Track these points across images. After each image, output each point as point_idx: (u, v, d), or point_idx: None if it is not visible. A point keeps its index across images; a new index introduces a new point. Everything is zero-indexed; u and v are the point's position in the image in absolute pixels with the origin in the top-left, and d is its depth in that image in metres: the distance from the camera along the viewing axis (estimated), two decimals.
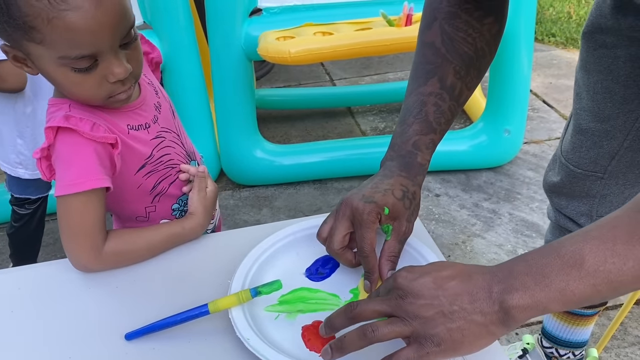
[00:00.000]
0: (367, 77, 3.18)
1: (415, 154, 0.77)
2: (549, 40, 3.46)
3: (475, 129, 2.24)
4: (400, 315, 0.57)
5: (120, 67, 0.74)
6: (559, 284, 0.53)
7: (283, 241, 0.84)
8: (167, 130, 0.91)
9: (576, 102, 0.99)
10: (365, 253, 0.72)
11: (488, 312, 0.55)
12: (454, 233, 1.97)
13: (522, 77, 2.14)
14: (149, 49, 0.96)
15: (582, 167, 1.00)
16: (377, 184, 0.75)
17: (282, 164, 2.22)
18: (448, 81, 0.79)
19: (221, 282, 0.79)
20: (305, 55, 1.78)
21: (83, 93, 0.76)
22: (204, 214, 0.89)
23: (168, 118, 0.92)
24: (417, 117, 0.78)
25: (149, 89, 0.90)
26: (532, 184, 2.20)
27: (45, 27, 0.67)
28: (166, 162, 0.91)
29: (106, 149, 0.79)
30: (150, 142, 0.87)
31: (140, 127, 0.86)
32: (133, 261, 0.83)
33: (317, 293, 0.77)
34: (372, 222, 0.71)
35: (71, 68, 0.72)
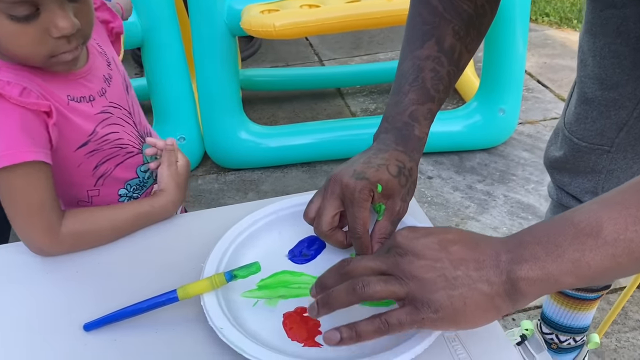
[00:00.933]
0: (357, 57, 3.09)
1: (412, 126, 0.70)
2: (542, 20, 3.39)
3: (469, 108, 2.17)
4: (396, 273, 0.52)
5: (65, 20, 0.65)
6: (573, 254, 0.47)
7: (264, 220, 0.77)
8: (116, 106, 0.81)
9: (580, 69, 0.91)
10: (358, 234, 0.65)
11: (495, 282, 0.49)
12: (447, 216, 1.90)
13: (517, 55, 2.06)
14: (109, 17, 0.88)
15: (587, 139, 0.93)
16: (369, 159, 0.68)
17: (269, 146, 2.14)
18: (446, 43, 0.72)
19: (194, 265, 0.72)
20: (291, 29, 1.69)
21: (20, 49, 0.67)
22: (176, 190, 0.81)
23: (119, 93, 0.83)
24: (413, 84, 0.71)
25: (100, 59, 0.81)
26: (528, 165, 2.13)
27: None
28: (113, 141, 0.81)
29: (40, 117, 0.70)
30: (93, 117, 0.78)
31: (83, 99, 0.76)
32: (95, 243, 0.75)
33: (300, 277, 0.70)
34: (365, 200, 0.64)
35: (7, 15, 0.63)
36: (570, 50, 3.03)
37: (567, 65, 2.87)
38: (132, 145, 0.84)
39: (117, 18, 0.88)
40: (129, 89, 0.86)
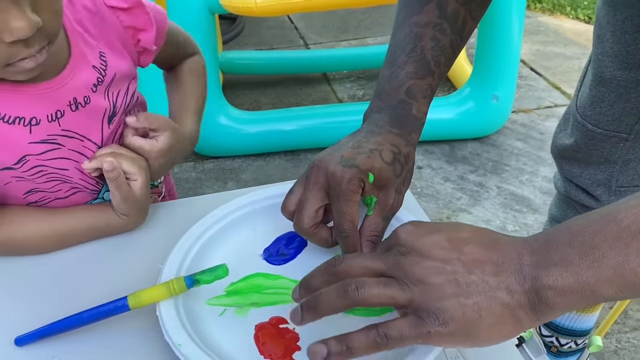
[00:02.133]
0: (344, 41, 2.98)
1: (409, 104, 0.60)
2: (535, 6, 3.31)
3: (461, 95, 2.07)
4: (398, 276, 0.43)
5: (21, 19, 0.48)
6: (615, 258, 0.38)
7: (236, 213, 0.66)
8: (74, 137, 0.62)
9: (597, 45, 0.81)
10: (345, 232, 0.55)
11: (516, 290, 0.41)
12: (438, 208, 1.81)
13: (512, 39, 1.97)
14: (140, 25, 0.66)
15: (602, 125, 0.84)
16: (360, 143, 0.57)
17: (250, 132, 2.03)
18: (449, 7, 0.62)
19: (152, 267, 0.61)
20: (273, 6, 1.57)
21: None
22: (137, 215, 0.66)
23: (89, 122, 0.63)
24: (411, 55, 0.61)
25: (87, 73, 0.61)
26: (522, 155, 2.05)
27: None
28: (51, 175, 0.63)
29: None
30: (24, 146, 0.59)
31: (20, 120, 0.58)
32: (36, 252, 0.64)
33: (277, 280, 0.60)
34: (354, 192, 0.55)
35: None
36: (564, 38, 2.95)
37: (561, 52, 2.79)
38: (85, 185, 0.66)
39: (151, 29, 0.67)
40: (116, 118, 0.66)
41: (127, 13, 0.65)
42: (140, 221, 0.67)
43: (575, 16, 3.17)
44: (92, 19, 0.63)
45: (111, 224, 0.66)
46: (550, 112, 2.31)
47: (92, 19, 0.63)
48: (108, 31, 0.64)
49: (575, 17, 3.17)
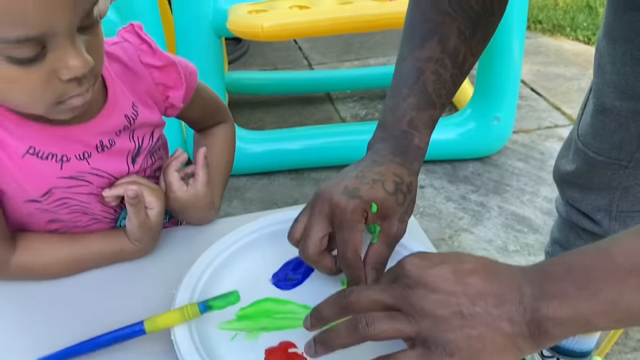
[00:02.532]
0: (347, 62, 3.02)
1: (411, 135, 0.62)
2: (535, 27, 3.35)
3: (462, 115, 2.10)
4: (405, 309, 0.46)
5: (78, 58, 0.51)
6: (610, 293, 0.41)
7: (245, 240, 0.69)
8: (101, 175, 0.65)
9: (598, 76, 0.84)
10: (349, 261, 0.57)
11: (517, 321, 0.43)
12: (440, 227, 1.83)
13: (513, 61, 2.01)
14: (171, 83, 0.69)
15: (603, 153, 0.86)
16: (363, 172, 0.60)
17: (255, 151, 2.06)
18: (450, 43, 0.65)
19: (165, 292, 0.63)
20: (279, 31, 1.61)
21: (20, 97, 0.53)
22: (149, 241, 0.69)
23: (116, 163, 0.66)
24: (413, 88, 0.64)
25: (118, 118, 0.64)
26: (522, 176, 2.07)
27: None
28: (74, 208, 0.66)
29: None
30: (54, 180, 0.62)
31: (52, 157, 0.61)
32: (53, 277, 0.66)
33: (286, 305, 0.63)
34: (357, 222, 0.57)
35: (6, 58, 0.49)
36: (564, 58, 2.99)
37: (561, 73, 2.82)
38: (105, 215, 0.69)
39: (182, 87, 0.69)
40: (140, 158, 0.68)
41: (160, 71, 0.68)
42: (151, 248, 0.70)
43: (575, 37, 3.22)
44: (126, 72, 0.66)
45: (125, 249, 0.68)
46: (551, 133, 2.34)
47: (127, 72, 0.66)
48: (140, 85, 0.67)
49: (575, 38, 3.21)
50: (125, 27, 0.68)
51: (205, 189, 0.71)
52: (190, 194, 0.70)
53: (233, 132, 0.84)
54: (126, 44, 0.67)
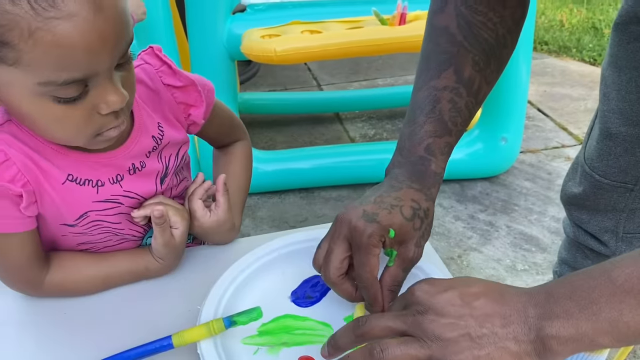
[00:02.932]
0: (355, 82, 3.08)
1: (428, 161, 0.64)
2: (541, 48, 3.40)
3: (470, 136, 2.14)
4: (417, 334, 0.48)
5: (116, 94, 0.55)
6: (610, 312, 0.44)
7: (265, 259, 0.72)
8: (132, 196, 0.69)
9: (603, 102, 0.87)
10: (365, 283, 0.59)
11: (523, 340, 0.46)
12: (449, 247, 1.85)
13: (520, 83, 2.04)
14: (192, 102, 0.72)
15: (610, 177, 0.88)
16: (382, 197, 0.62)
17: (266, 170, 2.09)
18: (465, 73, 0.67)
19: (190, 308, 0.67)
20: (292, 55, 1.66)
21: (63, 131, 0.58)
22: (172, 259, 0.72)
23: (145, 184, 0.69)
24: (430, 115, 0.66)
25: (146, 141, 0.68)
26: (530, 195, 2.09)
27: (24, 42, 0.48)
28: (106, 229, 0.70)
29: (8, 196, 0.60)
30: (90, 203, 0.66)
31: (88, 182, 0.65)
32: (83, 293, 0.70)
33: (304, 321, 0.66)
34: (374, 246, 0.59)
35: (53, 98, 0.53)
36: (570, 79, 3.03)
37: (567, 94, 2.86)
38: (133, 234, 0.73)
39: (202, 105, 0.73)
40: (167, 178, 0.72)
41: (181, 90, 0.71)
42: (174, 266, 0.73)
43: (581, 58, 3.26)
44: (149, 94, 0.70)
45: (149, 267, 0.71)
46: (558, 153, 2.37)
47: (150, 94, 0.70)
48: (163, 105, 0.71)
49: (580, 59, 3.25)
50: (145, 50, 0.72)
51: (227, 215, 0.74)
52: (213, 220, 0.73)
53: (250, 150, 0.88)
54: (147, 66, 0.71)
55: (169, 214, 0.69)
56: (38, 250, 0.67)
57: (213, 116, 0.77)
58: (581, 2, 4.07)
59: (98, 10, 0.50)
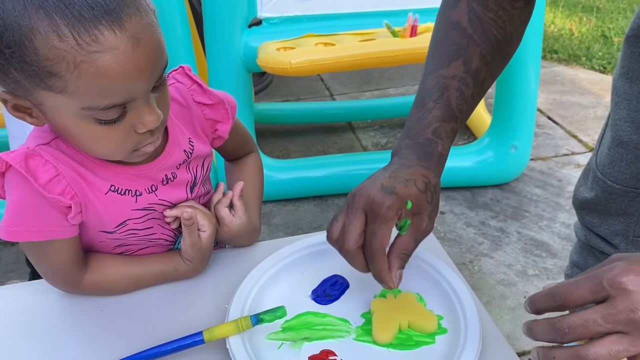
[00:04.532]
0: (367, 92, 3.13)
1: (435, 143, 0.68)
2: (551, 56, 3.43)
3: (481, 144, 2.18)
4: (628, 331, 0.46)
5: (152, 114, 0.61)
6: None
7: (286, 260, 0.77)
8: (165, 204, 0.74)
9: (615, 111, 0.91)
10: (373, 253, 0.61)
11: None
12: (461, 252, 1.89)
13: (529, 91, 2.08)
14: (220, 118, 0.78)
15: (621, 182, 0.92)
16: (395, 173, 0.64)
17: (281, 179, 2.15)
18: (473, 65, 0.71)
19: (218, 305, 0.72)
20: (307, 66, 1.72)
21: (104, 148, 0.64)
22: (201, 263, 0.77)
23: (177, 193, 0.75)
24: (438, 101, 0.70)
25: (178, 155, 0.74)
26: (540, 202, 2.13)
27: (70, 73, 0.54)
28: (141, 236, 0.75)
29: (58, 207, 0.65)
30: (130, 212, 0.71)
31: (128, 192, 0.70)
32: (118, 292, 0.75)
33: (324, 318, 0.70)
34: (391, 218, 0.60)
35: (95, 120, 0.59)
36: (579, 87, 3.06)
37: (577, 102, 2.89)
38: (165, 239, 0.78)
39: (229, 121, 0.79)
40: (196, 187, 0.78)
41: (210, 108, 0.77)
42: (202, 268, 0.78)
43: (591, 66, 3.28)
44: (181, 111, 0.76)
45: (178, 269, 0.76)
46: (568, 160, 2.39)
47: (182, 111, 0.76)
48: (194, 121, 0.77)
49: (590, 67, 3.28)
50: (176, 70, 0.78)
51: (246, 215, 0.80)
52: (239, 223, 0.79)
53: (260, 161, 0.94)
54: (179, 85, 0.76)
55: (197, 217, 0.74)
56: (79, 253, 0.72)
57: (232, 131, 0.82)
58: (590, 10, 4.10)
59: (136, 44, 0.55)
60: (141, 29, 0.56)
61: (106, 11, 0.53)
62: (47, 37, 0.52)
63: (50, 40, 0.52)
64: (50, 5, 0.52)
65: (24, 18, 0.52)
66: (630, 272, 0.47)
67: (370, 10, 1.92)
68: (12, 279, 1.85)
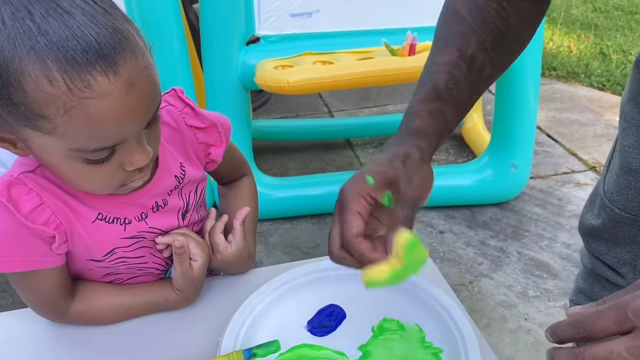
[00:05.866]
0: (365, 109, 3.12)
1: (411, 120, 0.66)
2: (550, 74, 3.43)
3: (480, 163, 2.16)
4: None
5: (142, 152, 0.59)
6: None
7: (280, 290, 0.75)
8: (155, 232, 0.72)
9: (623, 137, 0.88)
10: (346, 241, 0.59)
11: None
12: (460, 273, 1.86)
13: (528, 109, 2.07)
14: (213, 141, 0.76)
15: (630, 211, 0.89)
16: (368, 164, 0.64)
17: (278, 197, 2.13)
18: (468, 52, 0.69)
19: (210, 337, 0.69)
20: (304, 85, 1.70)
21: (91, 185, 0.62)
22: (193, 293, 0.75)
23: (168, 220, 0.73)
24: (423, 86, 0.68)
25: (168, 181, 0.71)
26: (540, 221, 2.11)
27: (59, 117, 0.51)
28: (131, 264, 0.73)
29: (42, 237, 0.63)
30: (118, 240, 0.69)
31: (117, 220, 0.68)
32: (106, 322, 0.73)
33: (320, 351, 0.68)
34: (352, 201, 0.59)
35: (83, 159, 0.56)
36: (579, 105, 3.06)
37: (576, 119, 2.88)
38: (156, 267, 0.76)
39: (222, 144, 0.77)
40: (189, 214, 0.75)
41: (203, 131, 0.75)
42: (193, 298, 0.75)
43: (589, 83, 3.29)
44: (173, 135, 0.73)
45: (169, 299, 0.74)
46: (568, 178, 2.38)
47: (174, 134, 0.73)
48: (186, 145, 0.74)
49: (589, 84, 3.28)
50: (169, 92, 0.76)
51: (243, 242, 0.77)
52: (234, 250, 0.76)
53: (255, 184, 0.91)
54: (171, 108, 0.74)
55: (189, 245, 0.72)
56: (66, 282, 0.70)
57: (226, 154, 0.80)
58: (589, 28, 4.12)
59: (130, 88, 0.53)
60: (136, 73, 0.53)
61: (100, 55, 0.50)
62: (38, 81, 0.49)
63: (40, 84, 0.50)
64: (42, 47, 0.49)
65: (14, 60, 0.49)
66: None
67: (368, 29, 1.91)
68: (5, 298, 1.82)
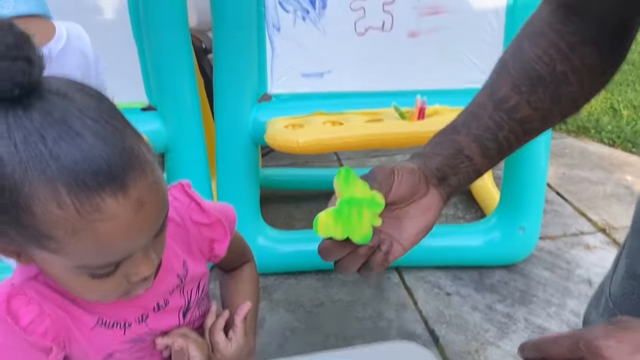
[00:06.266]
0: (374, 158, 3.13)
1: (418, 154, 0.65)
2: (560, 128, 3.43)
3: (488, 224, 2.14)
4: None
5: (148, 264, 0.58)
6: None
7: None
8: (155, 333, 0.71)
9: (634, 238, 0.86)
10: None
11: None
12: (467, 340, 1.83)
13: (538, 168, 2.05)
14: (217, 237, 0.74)
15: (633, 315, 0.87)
16: None
17: (283, 251, 2.11)
18: (500, 93, 0.67)
19: None
20: (314, 146, 1.71)
21: (94, 296, 0.61)
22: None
23: (168, 320, 0.72)
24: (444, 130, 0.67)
25: (171, 279, 0.70)
26: (548, 285, 2.07)
27: (68, 238, 0.51)
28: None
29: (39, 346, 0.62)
30: (118, 344, 0.68)
31: (116, 324, 0.67)
32: None
33: None
34: None
35: (88, 274, 0.56)
36: (589, 161, 3.04)
37: (586, 177, 2.86)
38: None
39: (226, 240, 0.75)
40: (190, 312, 0.75)
41: (208, 227, 0.74)
42: None
43: (600, 139, 3.28)
44: (178, 231, 0.72)
45: None
46: (577, 240, 2.35)
47: (178, 231, 0.72)
48: (190, 241, 0.73)
49: (599, 140, 3.27)
50: (175, 186, 0.74)
51: (244, 339, 0.76)
52: (234, 348, 0.75)
53: (256, 272, 0.89)
54: (177, 203, 0.73)
55: (189, 348, 0.71)
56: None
57: (230, 245, 0.78)
58: None
59: (139, 208, 0.52)
60: (146, 191, 0.53)
61: (110, 178, 0.50)
62: (47, 204, 0.49)
63: (49, 207, 0.49)
64: (53, 172, 0.48)
65: (24, 184, 0.48)
66: (611, 337, 0.45)
67: (378, 90, 1.92)
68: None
